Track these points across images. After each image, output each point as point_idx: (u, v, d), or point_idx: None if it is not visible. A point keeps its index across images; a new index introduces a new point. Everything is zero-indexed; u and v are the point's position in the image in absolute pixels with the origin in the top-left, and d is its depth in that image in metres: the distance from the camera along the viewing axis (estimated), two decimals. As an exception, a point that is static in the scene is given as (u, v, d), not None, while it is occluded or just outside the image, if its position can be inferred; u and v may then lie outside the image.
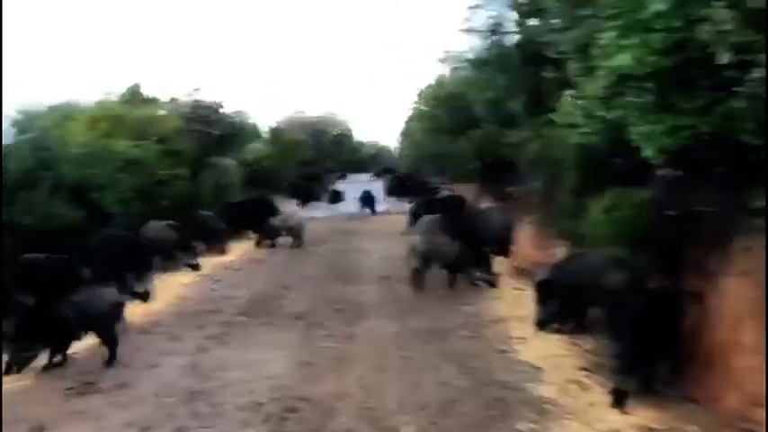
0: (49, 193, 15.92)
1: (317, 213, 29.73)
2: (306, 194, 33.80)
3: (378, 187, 35.06)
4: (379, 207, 28.81)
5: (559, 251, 11.95)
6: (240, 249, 18.30)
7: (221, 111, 23.23)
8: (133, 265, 12.21)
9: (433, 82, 31.90)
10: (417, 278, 12.39)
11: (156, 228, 15.27)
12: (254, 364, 8.33)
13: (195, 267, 14.94)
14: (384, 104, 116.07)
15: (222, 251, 17.31)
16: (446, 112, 21.20)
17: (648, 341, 6.65)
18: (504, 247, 15.17)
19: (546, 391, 7.23)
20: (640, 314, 6.74)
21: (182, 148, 19.83)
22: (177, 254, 15.08)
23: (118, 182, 16.46)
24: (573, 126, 8.81)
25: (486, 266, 12.26)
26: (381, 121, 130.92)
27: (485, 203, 19.68)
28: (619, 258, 8.52)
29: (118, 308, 8.51)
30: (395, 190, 32.84)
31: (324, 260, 16.08)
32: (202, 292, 12.92)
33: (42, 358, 8.29)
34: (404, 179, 36.74)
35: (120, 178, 16.52)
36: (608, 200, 8.24)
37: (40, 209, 15.08)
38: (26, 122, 15.53)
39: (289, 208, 32.53)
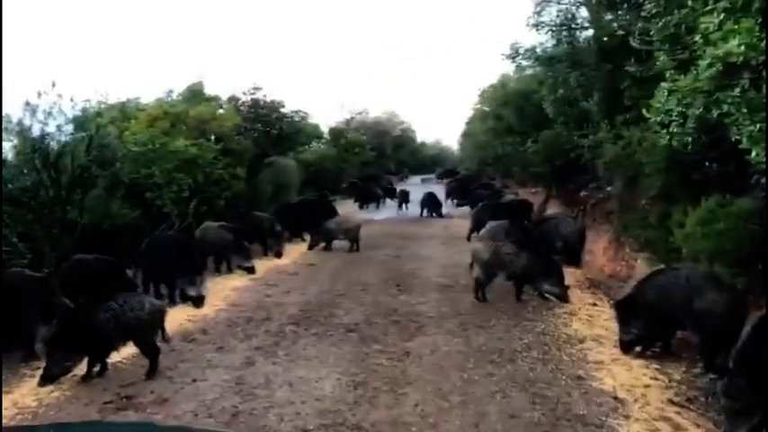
0: (107, 191, 15.88)
1: (376, 215, 29.14)
2: (365, 196, 33.15)
3: (440, 189, 34.24)
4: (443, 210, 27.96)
5: (640, 264, 10.88)
6: (296, 252, 17.78)
7: (281, 110, 22.78)
8: (185, 267, 11.74)
9: (495, 81, 31.02)
10: (481, 289, 11.50)
11: (210, 229, 14.89)
12: (302, 382, 7.65)
13: (249, 270, 14.47)
14: (446, 104, 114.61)
15: (278, 254, 16.82)
16: (513, 112, 20.12)
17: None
18: (574, 257, 14.12)
19: (632, 429, 6.26)
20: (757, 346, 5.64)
21: (240, 148, 19.52)
22: (231, 256, 14.64)
23: (174, 181, 16.25)
24: (664, 125, 7.77)
25: (557, 278, 11.21)
26: (443, 121, 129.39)
27: (554, 209, 18.56)
28: (716, 276, 7.44)
29: (157, 316, 7.97)
30: (457, 193, 31.82)
31: (381, 266, 15.34)
32: (254, 297, 12.37)
33: (82, 368, 7.89)
34: (466, 182, 35.72)
35: (177, 177, 16.29)
36: (705, 210, 7.15)
37: (97, 207, 15.01)
38: (84, 120, 15.40)
39: (348, 209, 32.26)
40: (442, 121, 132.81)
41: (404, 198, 32.17)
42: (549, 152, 16.84)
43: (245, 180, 21.09)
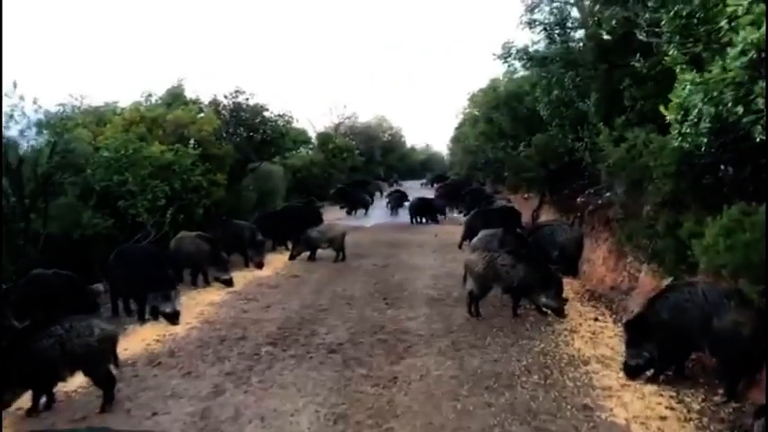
0: (78, 199, 14.97)
1: (365, 222, 28.32)
2: (353, 202, 32.31)
3: (429, 194, 33.49)
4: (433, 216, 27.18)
5: (644, 275, 10.12)
6: (279, 262, 16.89)
7: (265, 114, 21.89)
8: (157, 281, 10.84)
9: (485, 86, 30.37)
10: (474, 303, 10.69)
11: (186, 239, 13.99)
12: (275, 415, 6.79)
13: (227, 283, 13.59)
14: (435, 108, 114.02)
15: (259, 265, 15.92)
16: (505, 115, 19.36)
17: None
18: (571, 267, 13.37)
19: (651, 473, 5.47)
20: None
21: (220, 153, 18.62)
22: (208, 268, 13.74)
23: (149, 189, 15.35)
24: (681, 123, 7.00)
25: (556, 291, 10.40)
26: (432, 126, 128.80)
27: (548, 215, 17.80)
28: (738, 293, 6.66)
29: (107, 342, 7.06)
30: (448, 198, 31.01)
31: (368, 277, 14.49)
32: (231, 313, 11.49)
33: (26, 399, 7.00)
34: (456, 187, 34.95)
35: (152, 185, 15.39)
36: (729, 219, 6.36)
37: (66, 216, 14.11)
38: (47, 124, 14.48)
39: (336, 215, 31.43)
40: (431, 126, 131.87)
41: (398, 201, 31.30)
42: (543, 156, 16.06)
43: (226, 187, 20.20)
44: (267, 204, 26.40)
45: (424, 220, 26.92)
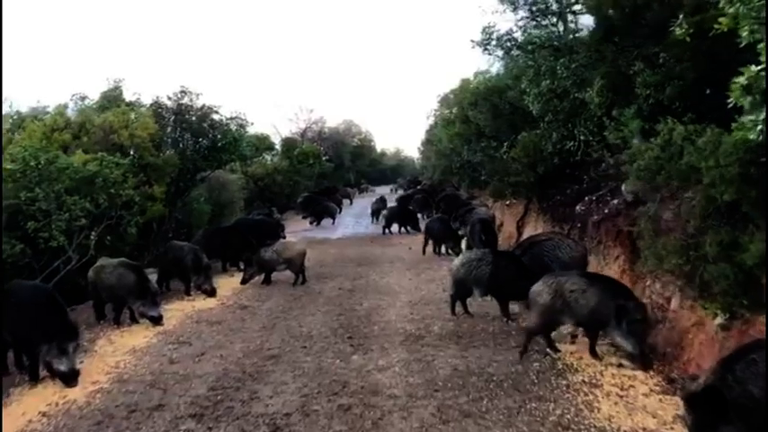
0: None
1: (332, 233, 25.94)
2: (319, 211, 29.88)
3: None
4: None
5: (677, 306, 7.94)
6: (228, 287, 14.41)
7: (214, 116, 19.36)
8: (51, 329, 8.33)
9: (456, 86, 28.33)
10: (530, 339, 8.55)
11: (107, 268, 11.44)
12: None
13: (156, 321, 11.09)
14: (404, 112, 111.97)
15: (207, 292, 13.41)
16: (485, 112, 17.14)
17: None
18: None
19: None
20: None
21: (158, 162, 16.10)
22: (134, 302, 11.21)
23: (66, 206, 12.81)
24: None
25: (634, 326, 7.94)
26: (402, 130, 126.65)
27: (537, 226, 15.62)
28: None
29: None
30: (421, 205, 28.74)
31: (331, 306, 12.11)
32: (154, 364, 9.02)
33: None
34: (430, 192, 32.75)
35: (70, 201, 12.85)
36: None
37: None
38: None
39: (302, 226, 28.99)
40: (401, 130, 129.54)
41: (378, 207, 28.84)
42: (532, 157, 13.86)
43: (169, 200, 17.73)
44: (223, 218, 23.98)
45: (403, 229, 24.60)
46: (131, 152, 15.45)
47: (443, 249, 18.03)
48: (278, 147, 43.72)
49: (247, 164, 36.93)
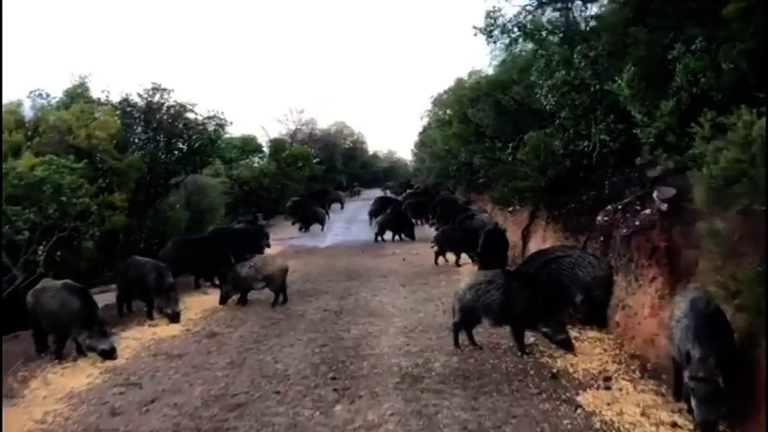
0: None
1: (321, 241, 24.22)
2: (307, 217, 28.11)
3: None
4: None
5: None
6: (197, 308, 12.70)
7: (189, 115, 17.58)
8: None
9: (450, 85, 26.83)
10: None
11: (48, 292, 9.69)
12: None
13: (107, 355, 9.33)
14: (396, 113, 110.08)
15: (170, 317, 11.65)
16: (488, 109, 15.46)
17: None
18: (598, 314, 9.57)
19: None
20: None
21: (122, 166, 14.33)
22: (78, 333, 9.42)
23: (7, 218, 11.06)
24: None
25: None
26: (395, 132, 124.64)
27: (546, 238, 13.96)
28: None
29: None
30: (415, 210, 26.99)
31: (313, 334, 10.39)
32: (90, 417, 7.28)
33: None
34: (424, 196, 31.06)
35: (11, 213, 11.10)
36: None
37: None
38: None
39: (290, 232, 27.24)
40: (394, 132, 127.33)
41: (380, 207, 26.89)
42: (544, 160, 12.18)
43: (138, 208, 16.00)
44: (204, 225, 22.19)
45: (396, 237, 22.89)
46: (95, 155, 13.67)
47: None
48: (266, 149, 41.89)
49: (232, 167, 35.24)
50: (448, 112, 26.34)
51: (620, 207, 9.94)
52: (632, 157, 11.77)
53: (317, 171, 47.32)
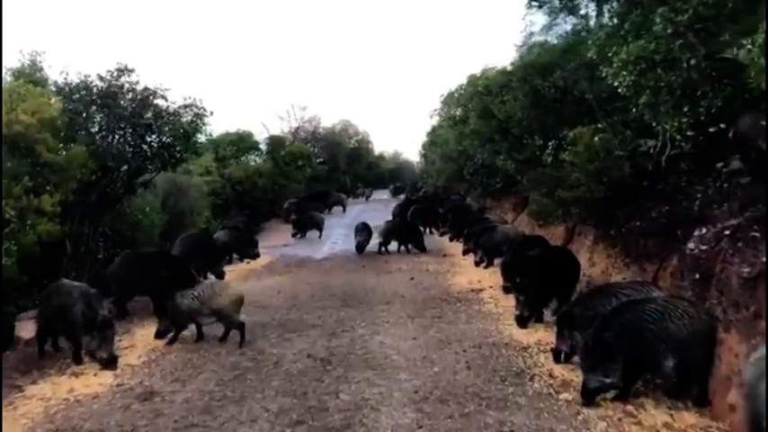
0: None
1: (316, 251, 21.29)
2: (304, 222, 25.22)
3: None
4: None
5: None
6: (147, 346, 9.81)
7: (158, 102, 14.71)
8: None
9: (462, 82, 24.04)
10: None
11: None
12: None
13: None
14: (404, 113, 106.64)
15: (103, 362, 8.71)
16: (521, 98, 12.46)
17: None
18: (697, 387, 6.62)
19: None
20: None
21: (59, 161, 11.41)
22: None
23: None
24: None
25: None
26: (402, 132, 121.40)
27: (598, 264, 10.99)
28: None
29: None
30: (421, 216, 23.70)
31: (288, 401, 7.40)
32: None
33: None
34: (433, 201, 28.14)
35: None
36: None
37: None
38: None
39: (281, 239, 24.44)
40: (401, 132, 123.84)
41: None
42: (602, 163, 9.21)
43: (90, 213, 13.13)
44: (183, 230, 19.28)
45: (403, 248, 19.90)
46: (20, 145, 10.77)
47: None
48: (263, 146, 39.02)
49: (225, 165, 32.52)
50: (461, 109, 23.47)
51: (727, 232, 6.98)
52: (711, 161, 8.95)
53: (320, 171, 44.59)
